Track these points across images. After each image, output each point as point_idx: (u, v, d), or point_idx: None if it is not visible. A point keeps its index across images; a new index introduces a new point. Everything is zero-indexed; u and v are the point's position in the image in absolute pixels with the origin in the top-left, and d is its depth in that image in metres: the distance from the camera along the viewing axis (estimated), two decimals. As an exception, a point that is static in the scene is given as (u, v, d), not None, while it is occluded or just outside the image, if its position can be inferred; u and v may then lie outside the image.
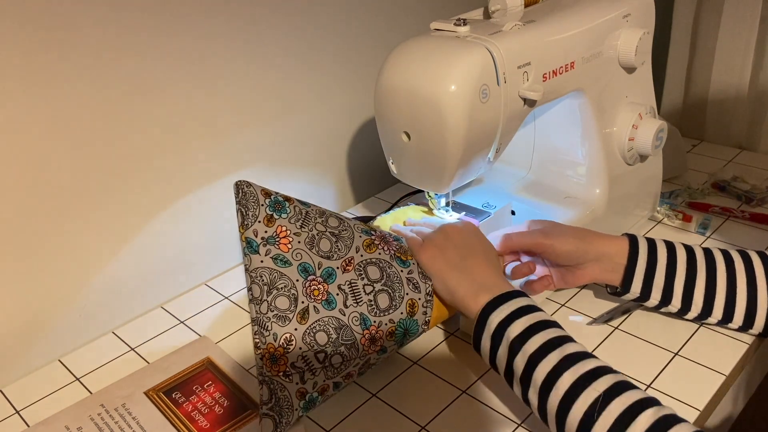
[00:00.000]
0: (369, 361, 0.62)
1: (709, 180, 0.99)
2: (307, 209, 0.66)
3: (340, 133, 1.00)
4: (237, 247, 0.91)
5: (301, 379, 0.59)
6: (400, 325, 0.63)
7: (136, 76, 0.73)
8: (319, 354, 0.60)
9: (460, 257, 0.65)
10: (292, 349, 0.59)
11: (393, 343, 0.63)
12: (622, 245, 0.67)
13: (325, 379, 0.60)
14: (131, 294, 0.81)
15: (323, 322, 0.61)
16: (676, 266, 0.66)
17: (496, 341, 0.58)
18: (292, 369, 0.59)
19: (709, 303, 0.66)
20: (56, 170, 0.70)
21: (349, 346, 0.61)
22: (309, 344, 0.60)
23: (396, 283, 0.64)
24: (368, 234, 0.67)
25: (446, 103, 0.61)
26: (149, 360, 0.72)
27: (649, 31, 0.77)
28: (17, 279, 0.70)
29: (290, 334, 0.59)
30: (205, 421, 0.61)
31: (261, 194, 0.64)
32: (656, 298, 0.67)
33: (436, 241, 0.66)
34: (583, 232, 0.69)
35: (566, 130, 0.79)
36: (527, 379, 0.55)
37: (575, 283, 0.70)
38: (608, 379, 0.52)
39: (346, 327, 0.61)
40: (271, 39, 0.85)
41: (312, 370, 0.59)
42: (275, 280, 0.61)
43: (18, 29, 0.63)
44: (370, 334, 0.62)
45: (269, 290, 0.61)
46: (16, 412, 0.67)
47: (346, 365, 0.61)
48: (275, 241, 0.63)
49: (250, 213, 0.63)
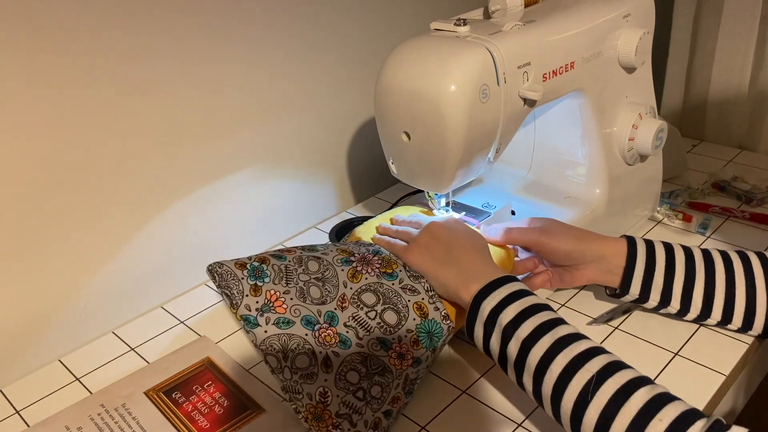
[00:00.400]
0: (408, 377, 0.61)
1: (709, 180, 0.99)
2: (285, 263, 0.67)
3: (340, 132, 1.00)
4: (237, 247, 0.91)
5: (351, 423, 0.58)
6: (420, 330, 0.63)
7: (135, 77, 0.73)
8: (358, 393, 0.59)
9: (446, 251, 0.65)
10: (330, 401, 0.59)
11: (424, 350, 0.62)
12: (621, 247, 0.67)
13: (373, 413, 0.59)
14: (131, 294, 0.81)
15: (348, 362, 0.61)
16: (674, 268, 0.66)
17: (488, 328, 0.59)
18: (338, 419, 0.58)
19: (708, 304, 0.65)
20: (56, 170, 0.70)
21: (381, 372, 0.61)
22: (344, 388, 0.59)
23: (394, 297, 0.64)
24: (348, 263, 0.67)
25: (446, 103, 0.61)
26: (149, 360, 0.72)
27: (649, 31, 0.77)
28: (17, 279, 0.70)
29: (323, 387, 0.59)
30: (205, 421, 0.61)
31: (236, 268, 0.65)
32: (655, 300, 0.67)
33: (421, 241, 0.67)
34: (582, 233, 0.69)
35: (566, 130, 0.79)
36: (521, 363, 0.56)
37: (573, 283, 0.70)
38: (601, 359, 0.53)
39: (370, 356, 0.61)
40: (271, 39, 0.85)
41: (357, 410, 0.59)
42: (286, 344, 0.61)
43: (18, 30, 0.63)
44: (396, 352, 0.62)
45: (285, 355, 0.61)
46: (16, 412, 0.67)
47: (387, 391, 0.60)
48: (269, 307, 0.64)
49: (235, 291, 0.64)
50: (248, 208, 0.91)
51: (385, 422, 0.59)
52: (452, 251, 0.65)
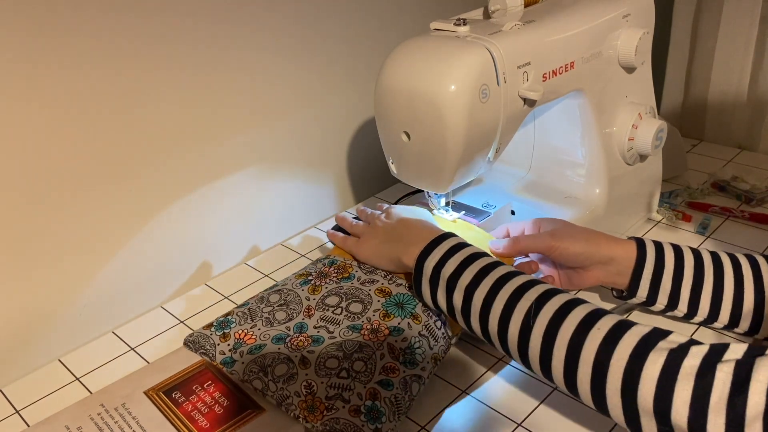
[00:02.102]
0: (394, 347, 0.62)
1: (708, 180, 0.99)
2: (247, 306, 0.70)
3: (340, 133, 1.00)
4: (237, 247, 0.91)
5: (343, 400, 0.58)
6: (387, 305, 0.65)
7: (136, 78, 0.73)
8: (341, 373, 0.59)
9: (388, 232, 0.70)
10: (316, 388, 0.59)
11: (399, 319, 0.64)
12: (630, 249, 0.67)
13: (364, 386, 0.59)
14: (131, 294, 0.81)
15: (324, 354, 0.61)
16: (683, 271, 0.65)
17: (433, 285, 0.62)
18: (329, 401, 0.58)
19: (716, 308, 0.65)
20: (56, 170, 0.70)
21: (359, 349, 0.61)
22: (326, 374, 0.60)
23: (356, 292, 0.68)
24: (307, 282, 0.71)
25: (446, 103, 0.61)
26: (149, 360, 0.72)
27: (649, 31, 0.77)
28: (17, 279, 0.70)
29: (305, 381, 0.60)
30: (205, 421, 0.61)
31: (204, 330, 0.68)
32: (662, 303, 0.67)
33: (366, 233, 0.73)
34: (592, 235, 0.68)
35: (566, 130, 0.79)
36: (467, 309, 0.60)
37: (581, 284, 0.70)
38: (538, 288, 0.56)
39: (345, 341, 0.62)
40: (270, 40, 0.85)
41: (346, 388, 0.59)
42: (263, 362, 0.62)
43: (19, 32, 0.63)
44: (367, 330, 0.63)
45: (264, 372, 0.61)
46: (16, 412, 0.67)
47: (371, 363, 0.60)
48: (241, 344, 0.66)
49: (208, 347, 0.66)
50: (248, 208, 0.91)
51: (386, 392, 0.59)
52: (395, 230, 0.70)
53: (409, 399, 0.60)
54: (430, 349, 0.63)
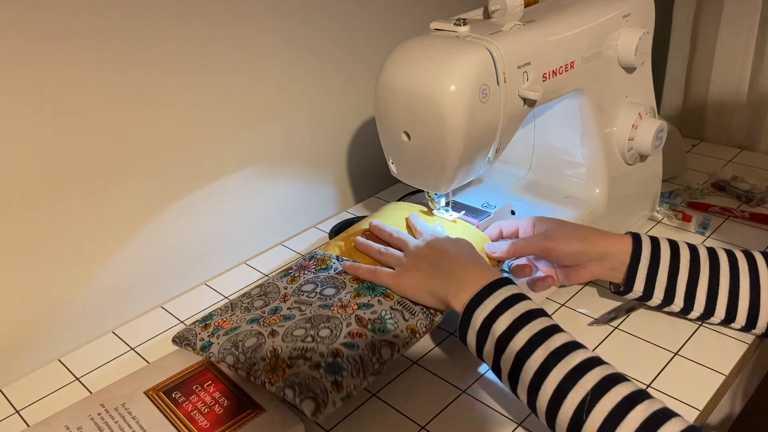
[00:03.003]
0: (362, 318, 0.62)
1: (708, 180, 0.99)
2: (230, 301, 0.71)
3: (340, 133, 1.00)
4: (237, 247, 0.91)
5: (305, 359, 0.58)
6: (359, 288, 0.66)
7: (135, 79, 0.73)
8: (307, 338, 0.60)
9: (433, 266, 0.64)
10: (281, 351, 0.60)
11: (369, 297, 0.65)
12: (625, 244, 0.67)
13: (327, 347, 0.59)
14: (131, 294, 0.81)
15: (293, 326, 0.62)
16: (679, 265, 0.66)
17: (481, 338, 0.58)
18: (292, 360, 0.59)
19: (712, 303, 0.65)
20: (56, 170, 0.70)
21: (326, 320, 0.62)
22: (292, 341, 0.61)
23: (332, 279, 0.69)
24: (287, 274, 0.72)
25: (446, 103, 0.61)
26: (149, 360, 0.72)
27: (649, 31, 0.77)
28: (17, 279, 0.70)
29: (272, 348, 0.60)
30: (205, 421, 0.61)
31: (189, 326, 0.69)
32: (659, 297, 0.67)
33: (407, 265, 0.66)
34: (586, 233, 0.69)
35: (566, 130, 0.79)
36: (515, 376, 0.55)
37: (579, 280, 0.71)
38: (596, 374, 0.51)
39: (314, 316, 0.63)
40: (270, 40, 0.85)
41: (309, 349, 0.59)
42: (236, 339, 0.63)
43: (19, 34, 0.63)
44: (337, 306, 0.64)
45: (236, 347, 0.62)
46: (16, 412, 0.67)
47: (338, 330, 0.61)
48: (217, 330, 0.66)
49: (190, 337, 0.67)
50: (248, 208, 0.91)
51: (350, 352, 0.59)
52: (439, 264, 0.64)
53: (378, 362, 0.59)
54: (404, 321, 0.63)
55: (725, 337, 0.68)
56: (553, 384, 0.52)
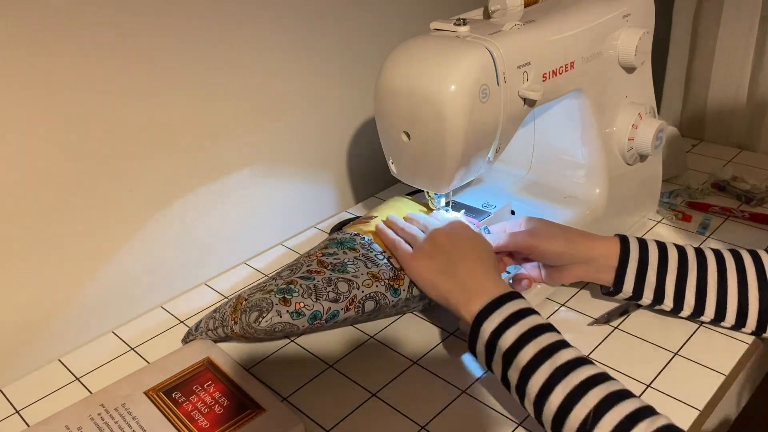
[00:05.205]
0: (324, 261, 0.65)
1: (708, 180, 0.99)
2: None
3: (340, 133, 1.00)
4: (237, 246, 0.91)
5: (262, 291, 0.63)
6: (329, 245, 0.71)
7: (135, 77, 0.73)
8: (269, 280, 0.65)
9: (449, 262, 0.64)
10: (242, 294, 0.65)
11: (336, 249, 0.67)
12: (612, 247, 0.67)
13: (284, 280, 0.63)
14: (131, 294, 0.81)
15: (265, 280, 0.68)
16: (667, 265, 0.66)
17: (490, 351, 0.58)
18: (250, 295, 0.63)
19: (701, 301, 0.66)
20: (56, 171, 0.70)
21: (289, 266, 0.66)
22: (257, 286, 0.65)
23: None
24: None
25: (446, 103, 0.61)
26: (149, 360, 0.72)
27: (649, 31, 0.77)
28: (17, 279, 0.70)
29: (238, 295, 0.66)
30: (205, 421, 0.61)
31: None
32: (649, 297, 0.67)
33: (425, 250, 0.66)
34: (571, 234, 0.69)
35: (566, 130, 0.79)
36: (522, 391, 0.55)
37: (561, 281, 0.71)
38: (600, 390, 0.51)
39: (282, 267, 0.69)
40: (270, 39, 0.85)
41: (266, 284, 0.64)
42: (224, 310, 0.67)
43: (18, 32, 0.63)
44: (303, 256, 0.69)
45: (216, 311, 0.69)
46: (16, 412, 0.67)
47: (297, 269, 0.64)
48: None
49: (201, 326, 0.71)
50: (248, 208, 0.91)
51: (305, 282, 0.61)
52: (454, 261, 0.64)
53: (334, 292, 0.60)
54: (366, 268, 0.64)
55: (725, 336, 0.68)
56: (557, 400, 0.52)
